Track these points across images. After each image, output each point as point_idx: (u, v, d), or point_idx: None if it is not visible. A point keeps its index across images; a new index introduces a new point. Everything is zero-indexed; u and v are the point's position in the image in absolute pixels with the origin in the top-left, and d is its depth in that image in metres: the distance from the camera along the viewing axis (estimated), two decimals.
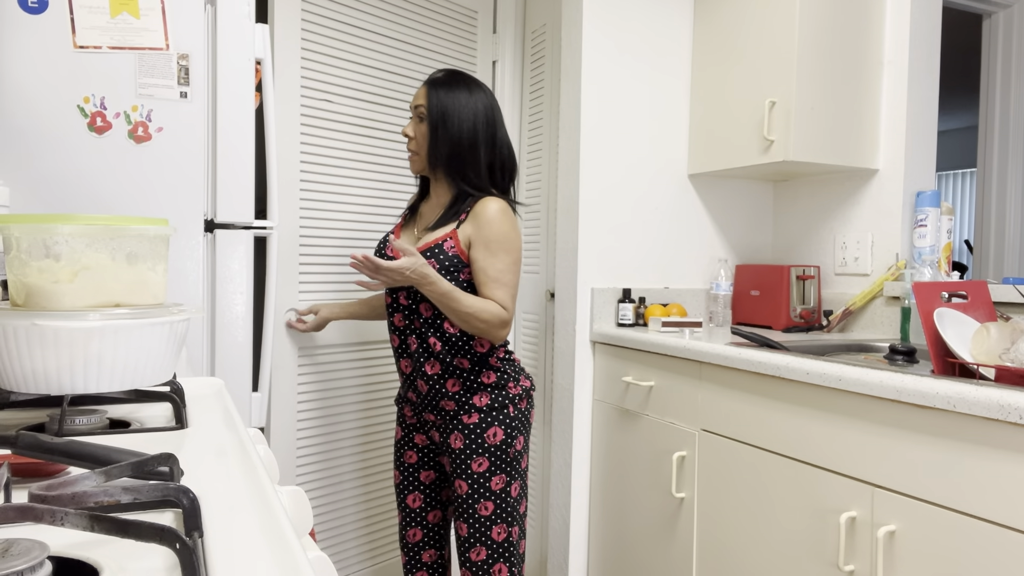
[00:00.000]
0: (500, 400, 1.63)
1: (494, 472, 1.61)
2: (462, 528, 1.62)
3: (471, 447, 1.61)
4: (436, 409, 1.65)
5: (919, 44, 2.06)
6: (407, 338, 1.65)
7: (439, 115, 1.61)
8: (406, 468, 1.75)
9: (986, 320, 1.43)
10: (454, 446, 1.62)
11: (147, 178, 1.60)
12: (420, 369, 1.64)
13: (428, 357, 1.63)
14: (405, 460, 1.75)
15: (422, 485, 1.74)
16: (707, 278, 2.40)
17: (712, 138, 2.25)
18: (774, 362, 1.50)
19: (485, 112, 1.64)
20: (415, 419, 1.73)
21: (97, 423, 0.85)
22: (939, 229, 1.99)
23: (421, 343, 1.63)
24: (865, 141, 2.09)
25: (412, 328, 1.64)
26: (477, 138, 1.62)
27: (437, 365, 1.62)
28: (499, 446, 1.61)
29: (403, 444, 1.76)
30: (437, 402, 1.64)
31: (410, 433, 1.74)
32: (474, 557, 1.60)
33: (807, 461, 1.45)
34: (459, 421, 1.62)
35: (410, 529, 1.75)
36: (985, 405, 1.10)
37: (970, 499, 1.14)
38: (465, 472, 1.61)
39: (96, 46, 1.56)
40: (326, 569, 0.61)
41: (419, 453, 1.73)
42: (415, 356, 1.64)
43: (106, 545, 0.50)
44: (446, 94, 1.62)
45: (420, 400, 1.67)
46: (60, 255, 0.83)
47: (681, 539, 1.81)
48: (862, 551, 1.32)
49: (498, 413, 1.62)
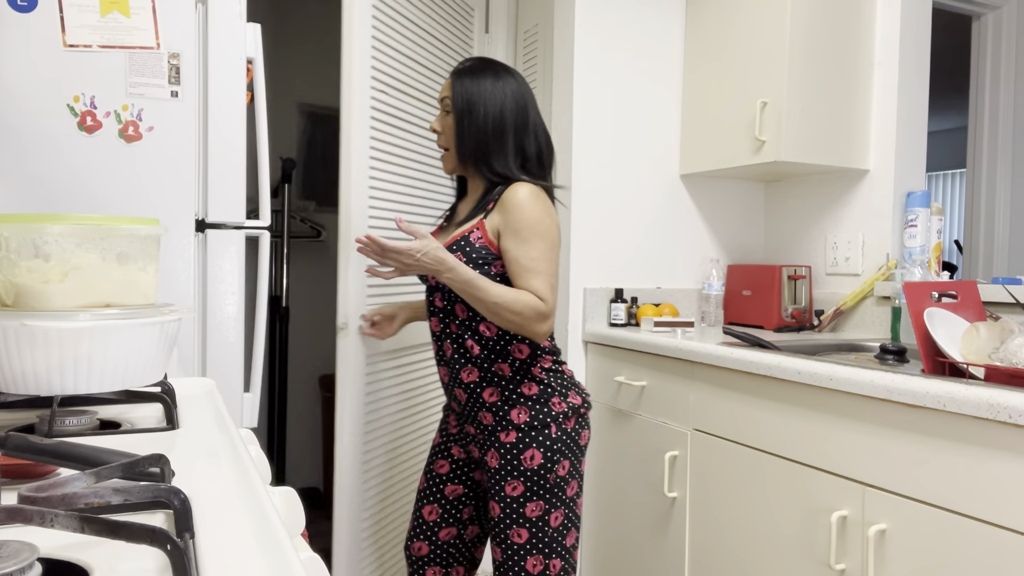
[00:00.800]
0: (541, 418, 1.48)
1: (530, 498, 1.46)
2: (496, 552, 1.51)
3: (506, 468, 1.48)
4: (475, 422, 1.54)
5: (909, 45, 2.08)
6: (443, 343, 1.55)
7: (464, 105, 1.51)
8: (434, 476, 1.64)
9: (976, 320, 1.44)
10: (490, 464, 1.51)
11: (138, 178, 1.59)
12: (457, 377, 1.54)
13: (465, 363, 1.52)
14: (435, 468, 1.65)
15: (444, 499, 1.63)
16: (699, 278, 2.41)
17: (704, 138, 2.26)
18: (766, 362, 1.51)
19: (514, 97, 1.53)
20: (457, 430, 1.62)
21: (87, 424, 0.84)
22: (929, 229, 2.00)
23: (458, 347, 1.52)
24: (856, 142, 2.10)
25: (447, 332, 1.54)
26: (504, 125, 1.51)
27: (475, 372, 1.51)
28: (536, 471, 1.46)
29: (438, 452, 1.66)
30: (475, 413, 1.53)
31: (448, 443, 1.64)
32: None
33: (799, 460, 1.45)
34: (496, 439, 1.50)
35: (416, 541, 1.64)
36: (975, 404, 1.11)
37: (960, 498, 1.15)
38: (498, 495, 1.49)
39: (86, 45, 1.55)
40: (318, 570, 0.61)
41: (452, 464, 1.63)
42: (451, 363, 1.54)
43: (97, 547, 0.49)
44: (471, 82, 1.52)
45: (461, 410, 1.56)
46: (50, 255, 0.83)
47: (673, 538, 1.81)
48: (853, 550, 1.33)
49: (537, 434, 1.48)
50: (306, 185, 3.43)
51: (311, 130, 3.43)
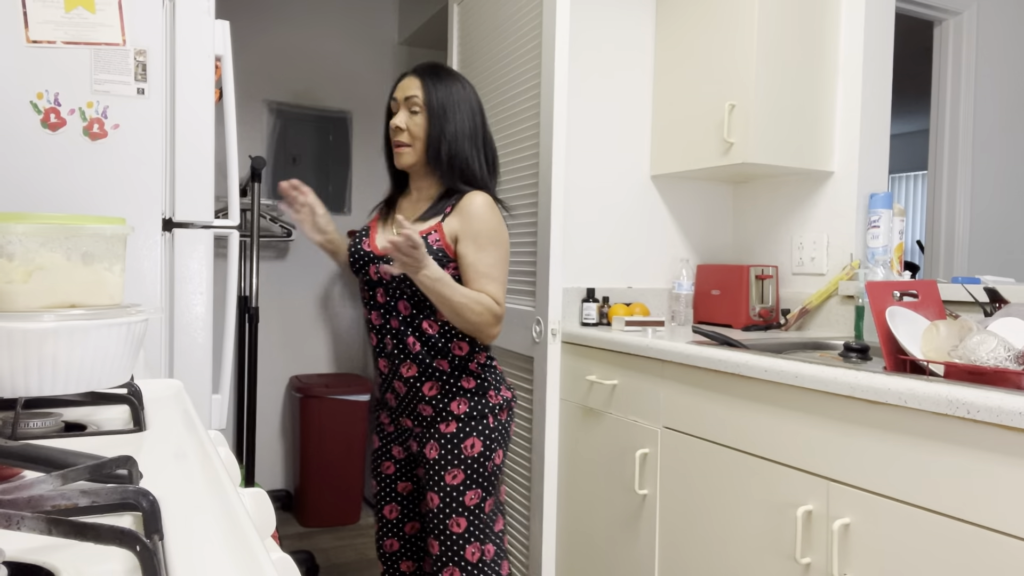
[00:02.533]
0: (479, 409, 1.56)
1: (469, 486, 1.52)
2: (434, 546, 1.53)
3: (447, 457, 1.53)
4: (414, 414, 1.58)
5: (873, 50, 2.12)
6: (383, 337, 1.57)
7: (440, 109, 1.53)
8: (383, 479, 1.68)
9: (936, 318, 1.48)
10: (429, 456, 1.54)
11: (103, 176, 1.57)
12: (397, 371, 1.56)
13: (404, 358, 1.55)
14: (382, 471, 1.68)
15: (399, 496, 1.67)
16: (669, 278, 2.44)
17: (674, 140, 2.29)
18: (734, 360, 1.53)
19: (478, 105, 1.59)
20: (392, 427, 1.65)
21: (52, 426, 0.83)
22: (891, 230, 2.05)
23: (398, 343, 1.55)
24: (821, 144, 2.14)
25: (388, 327, 1.56)
26: (476, 132, 1.57)
27: (414, 367, 1.54)
28: (476, 458, 1.53)
29: (381, 455, 1.69)
30: (415, 406, 1.57)
31: (388, 444, 1.67)
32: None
33: (766, 456, 1.48)
34: (436, 430, 1.55)
35: (387, 539, 1.69)
36: (935, 400, 1.14)
37: (922, 492, 1.18)
38: (438, 484, 1.52)
39: (50, 41, 1.52)
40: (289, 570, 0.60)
41: (396, 464, 1.67)
42: (392, 356, 1.56)
43: (64, 549, 0.49)
44: (443, 87, 1.54)
45: (398, 403, 1.60)
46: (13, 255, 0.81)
47: (644, 535, 1.83)
48: (818, 544, 1.36)
49: (476, 423, 1.55)
50: (275, 184, 3.40)
51: (280, 128, 3.40)
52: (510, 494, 2.18)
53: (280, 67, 3.39)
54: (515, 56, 2.18)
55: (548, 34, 1.94)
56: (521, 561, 2.10)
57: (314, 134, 3.46)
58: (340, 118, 3.48)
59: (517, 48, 2.17)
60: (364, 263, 1.59)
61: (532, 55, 2.07)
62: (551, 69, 1.93)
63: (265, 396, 3.44)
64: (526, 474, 2.08)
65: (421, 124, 1.55)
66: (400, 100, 1.57)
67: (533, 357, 2.02)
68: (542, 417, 1.96)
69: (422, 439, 1.57)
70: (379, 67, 3.59)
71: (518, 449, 2.13)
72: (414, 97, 1.54)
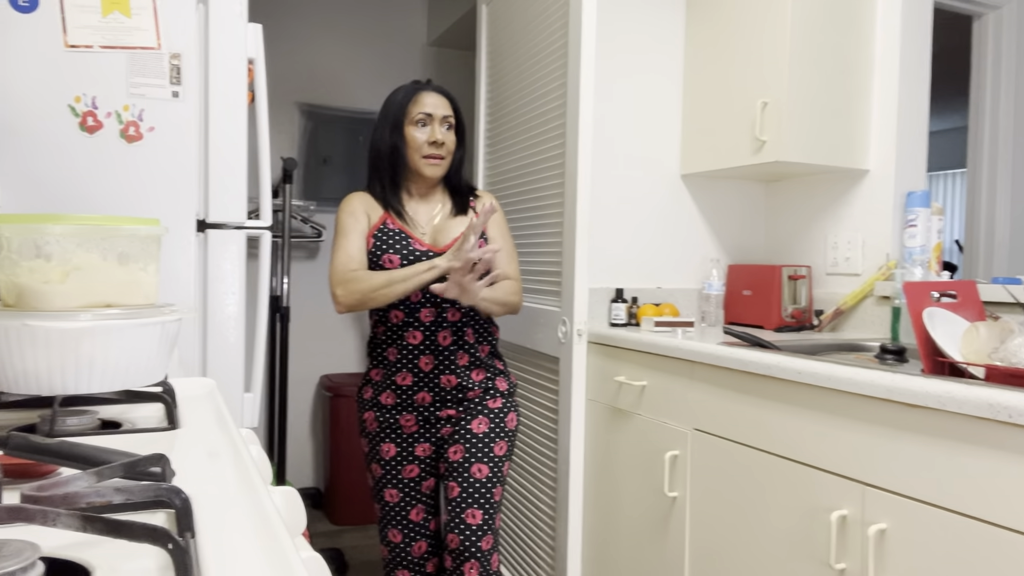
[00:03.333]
0: (511, 387, 1.75)
1: (507, 457, 1.67)
2: (476, 516, 1.59)
3: (495, 431, 1.65)
4: (459, 402, 1.68)
5: (910, 45, 2.08)
6: (435, 333, 1.65)
7: (462, 125, 1.76)
8: (406, 484, 1.70)
9: (976, 320, 1.44)
10: (477, 431, 1.64)
11: (138, 178, 1.59)
12: (449, 364, 1.65)
13: (458, 349, 1.67)
14: (404, 476, 1.70)
15: (424, 496, 1.71)
16: (699, 278, 2.41)
17: (704, 138, 2.26)
18: (766, 361, 1.51)
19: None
20: (419, 426, 1.69)
21: (88, 424, 0.85)
22: (929, 229, 2.00)
23: (456, 335, 1.66)
24: (856, 142, 2.10)
25: (445, 322, 1.66)
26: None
27: (466, 356, 1.68)
28: (513, 431, 1.71)
29: (401, 460, 1.70)
30: (464, 394, 1.67)
31: (410, 447, 1.70)
32: (485, 547, 1.60)
33: (799, 460, 1.45)
34: (484, 406, 1.67)
35: (415, 543, 1.70)
36: (975, 404, 1.11)
37: (960, 497, 1.15)
38: (487, 456, 1.63)
39: (87, 45, 1.55)
40: (319, 569, 0.61)
41: (420, 464, 1.70)
42: (443, 351, 1.65)
43: (98, 546, 0.49)
44: (458, 106, 1.75)
45: (438, 399, 1.66)
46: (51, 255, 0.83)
47: (673, 538, 1.81)
48: (853, 549, 1.33)
49: (511, 399, 1.73)
50: (307, 185, 3.43)
51: (311, 129, 3.43)
52: (535, 494, 2.18)
53: (311, 69, 3.43)
54: (542, 56, 2.17)
55: (575, 33, 1.93)
56: (547, 562, 2.10)
57: (344, 135, 3.49)
58: (371, 119, 3.51)
59: (544, 48, 2.16)
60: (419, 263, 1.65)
61: (559, 54, 2.06)
62: (577, 68, 1.92)
63: (296, 395, 3.48)
64: (552, 474, 2.07)
65: (453, 140, 1.74)
66: (437, 117, 1.70)
67: (559, 357, 2.02)
68: (567, 417, 1.96)
69: (467, 417, 1.67)
70: (408, 68, 3.61)
71: (544, 449, 2.13)
72: (450, 116, 1.72)
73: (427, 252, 1.66)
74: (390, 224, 1.69)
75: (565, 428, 1.98)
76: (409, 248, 1.67)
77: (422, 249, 1.67)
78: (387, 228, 1.69)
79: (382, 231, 1.69)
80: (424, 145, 1.68)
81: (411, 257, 1.65)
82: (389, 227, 1.69)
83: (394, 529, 1.71)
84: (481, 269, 1.52)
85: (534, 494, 2.20)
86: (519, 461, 2.30)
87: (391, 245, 1.67)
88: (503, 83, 2.50)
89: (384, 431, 1.71)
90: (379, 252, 1.66)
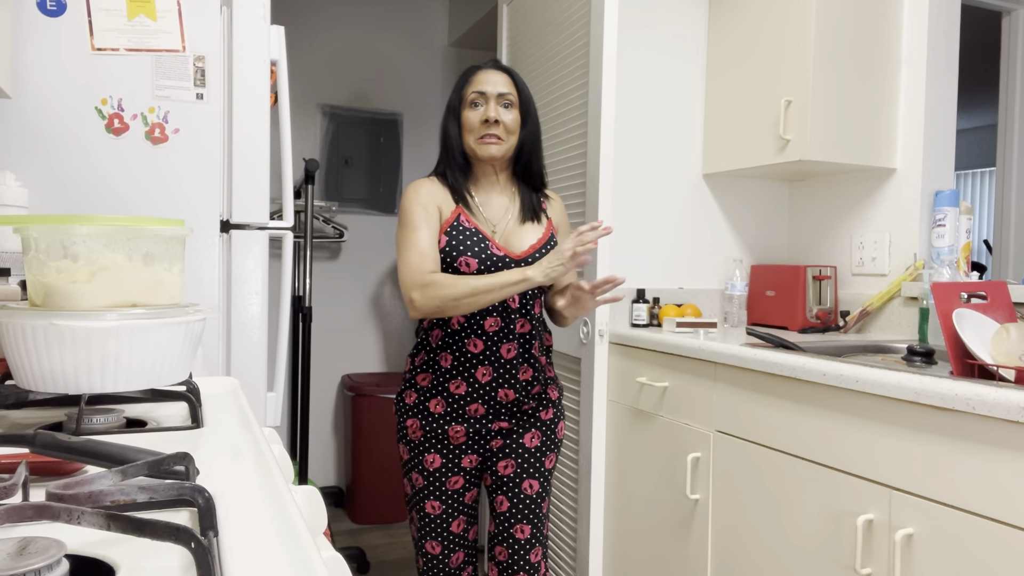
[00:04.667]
0: (560, 393, 1.68)
1: (554, 469, 1.63)
2: (524, 531, 1.55)
3: (546, 443, 1.60)
4: (513, 415, 1.58)
5: (937, 42, 2.04)
6: (499, 344, 1.53)
7: (530, 106, 1.59)
8: (450, 496, 1.59)
9: (1006, 321, 1.41)
10: (529, 445, 1.57)
11: (163, 179, 1.61)
12: (512, 377, 1.54)
13: (523, 363, 1.56)
14: (448, 488, 1.59)
15: (466, 507, 1.62)
16: (722, 278, 2.39)
17: (727, 138, 2.24)
18: (790, 363, 1.49)
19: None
20: (467, 437, 1.57)
21: (114, 422, 0.85)
22: (958, 229, 1.97)
23: (523, 349, 1.56)
24: (882, 140, 2.07)
25: (512, 334, 1.54)
26: (541, 133, 1.67)
27: (530, 371, 1.58)
28: (561, 441, 1.65)
29: (446, 472, 1.58)
30: (520, 406, 1.58)
31: (456, 458, 1.58)
32: (533, 559, 1.56)
33: (823, 463, 1.44)
34: (537, 418, 1.60)
35: (454, 555, 1.62)
36: (1005, 407, 1.09)
37: (990, 502, 1.13)
38: (539, 471, 1.58)
39: (113, 48, 1.57)
40: (340, 569, 0.61)
41: (465, 476, 1.60)
42: (506, 364, 1.54)
43: (122, 544, 0.50)
44: (524, 87, 1.60)
45: (491, 411, 1.55)
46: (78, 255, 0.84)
47: (696, 541, 1.80)
48: (879, 554, 1.31)
49: (560, 407, 1.66)
50: (328, 186, 3.45)
51: (333, 130, 3.45)
52: (557, 495, 2.17)
53: (333, 71, 3.45)
54: (564, 55, 2.17)
55: (596, 33, 1.93)
56: (568, 563, 2.09)
57: (366, 136, 3.50)
58: (391, 120, 3.52)
59: (566, 47, 2.15)
60: (498, 270, 1.52)
61: (580, 54, 2.05)
62: (599, 68, 1.91)
63: (318, 394, 3.50)
64: (573, 475, 2.07)
65: (515, 119, 1.57)
66: (492, 95, 1.54)
67: (580, 358, 2.01)
68: (589, 418, 1.95)
69: (519, 430, 1.60)
70: (429, 69, 3.62)
71: (565, 451, 2.12)
72: (508, 94, 1.56)
73: (504, 258, 1.53)
74: (464, 222, 1.54)
75: (587, 429, 1.97)
76: (487, 252, 1.52)
77: (499, 254, 1.53)
78: (461, 226, 1.53)
79: (456, 228, 1.53)
80: (478, 126, 1.54)
81: (488, 262, 1.52)
82: (464, 225, 1.54)
83: (433, 541, 1.61)
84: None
85: (555, 495, 2.19)
86: None
87: (468, 247, 1.52)
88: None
89: (429, 440, 1.57)
90: (455, 253, 1.51)
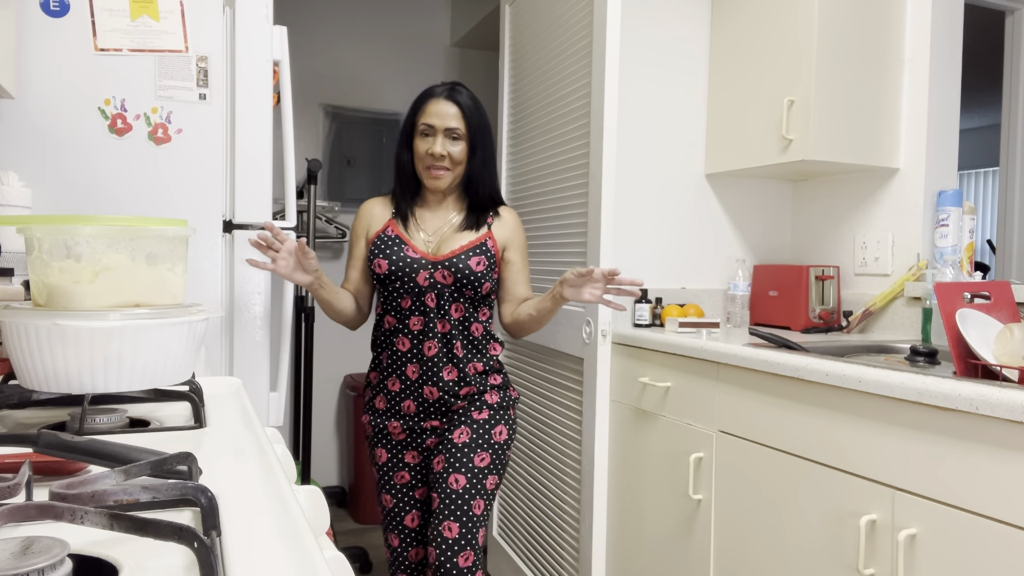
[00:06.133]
0: (505, 401, 1.69)
1: (492, 470, 1.61)
2: (452, 528, 1.53)
3: (477, 441, 1.60)
4: (443, 414, 1.64)
5: (940, 41, 2.04)
6: (422, 343, 1.62)
7: (478, 138, 1.65)
8: (399, 489, 1.70)
9: (1009, 321, 1.41)
10: (458, 440, 1.60)
11: (166, 179, 1.61)
12: (433, 375, 1.61)
13: (447, 363, 1.62)
14: (396, 482, 1.69)
15: (417, 502, 1.70)
16: (724, 278, 2.39)
17: (730, 137, 2.24)
18: (793, 363, 1.49)
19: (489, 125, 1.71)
20: (405, 434, 1.67)
21: (117, 422, 0.86)
22: (961, 229, 1.96)
23: (444, 347, 1.62)
24: (885, 140, 2.07)
25: (434, 332, 1.61)
26: (494, 153, 1.74)
27: (455, 371, 1.63)
28: (501, 445, 1.64)
29: (392, 467, 1.69)
30: (448, 407, 1.63)
31: (399, 453, 1.69)
32: (462, 563, 1.52)
33: (826, 463, 1.43)
34: (468, 417, 1.63)
35: (411, 549, 1.70)
36: (1008, 407, 1.09)
37: (994, 502, 1.13)
38: (465, 466, 1.57)
39: (116, 49, 1.57)
40: (342, 568, 0.61)
41: (411, 472, 1.69)
42: (429, 362, 1.61)
43: (125, 543, 0.50)
44: (476, 115, 1.65)
45: (421, 409, 1.64)
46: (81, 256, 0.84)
47: (698, 541, 1.79)
48: (882, 554, 1.31)
49: (504, 413, 1.67)
50: (331, 186, 3.46)
51: (336, 131, 3.45)
52: (559, 495, 2.17)
53: (335, 71, 3.45)
54: (566, 55, 2.16)
55: (599, 33, 1.92)
56: (571, 563, 2.09)
57: (368, 136, 3.51)
58: (394, 120, 3.52)
59: (568, 47, 2.15)
60: (411, 270, 1.61)
61: (583, 54, 2.05)
62: (602, 69, 1.91)
63: (320, 394, 3.50)
64: (576, 476, 2.07)
65: (462, 150, 1.65)
66: (440, 128, 1.62)
67: (583, 358, 2.01)
68: (592, 418, 1.95)
69: (450, 426, 1.64)
70: (431, 69, 3.62)
71: (568, 451, 2.12)
72: (456, 128, 1.63)
73: (420, 259, 1.62)
74: (390, 231, 1.67)
75: (589, 429, 1.97)
76: (400, 254, 1.63)
77: (414, 256, 1.63)
78: (386, 235, 1.67)
79: (381, 238, 1.67)
80: (426, 156, 1.64)
81: (400, 263, 1.62)
82: (388, 234, 1.67)
83: (392, 533, 1.71)
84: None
85: (558, 495, 2.19)
86: (543, 462, 2.29)
87: (382, 250, 1.64)
88: (526, 83, 2.50)
89: (376, 436, 1.70)
90: (371, 257, 1.65)
